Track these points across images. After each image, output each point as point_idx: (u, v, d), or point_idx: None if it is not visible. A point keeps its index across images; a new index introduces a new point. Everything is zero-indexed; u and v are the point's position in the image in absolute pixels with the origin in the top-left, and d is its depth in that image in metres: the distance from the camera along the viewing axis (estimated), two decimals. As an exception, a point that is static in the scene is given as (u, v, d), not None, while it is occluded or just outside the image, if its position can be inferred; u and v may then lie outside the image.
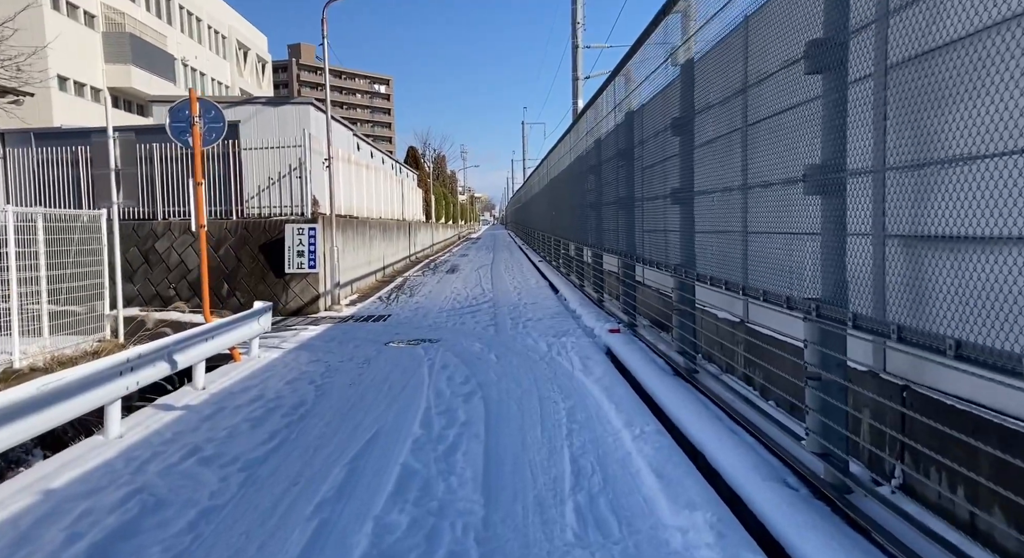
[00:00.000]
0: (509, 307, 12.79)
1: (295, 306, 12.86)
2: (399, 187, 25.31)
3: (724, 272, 5.80)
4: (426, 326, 10.86)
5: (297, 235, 12.89)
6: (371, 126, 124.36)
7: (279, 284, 12.94)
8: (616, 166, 11.10)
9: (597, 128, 12.96)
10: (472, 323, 10.97)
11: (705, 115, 6.33)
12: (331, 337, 10.00)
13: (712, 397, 6.04)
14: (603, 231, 12.30)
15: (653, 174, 8.48)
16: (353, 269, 15.80)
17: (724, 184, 5.78)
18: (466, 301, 13.93)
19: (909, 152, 3.16)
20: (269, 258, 13.07)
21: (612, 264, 12.89)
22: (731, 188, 5.59)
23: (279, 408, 6.09)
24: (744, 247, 5.43)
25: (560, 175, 19.95)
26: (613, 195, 11.04)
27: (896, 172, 3.26)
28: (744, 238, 5.46)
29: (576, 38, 22.93)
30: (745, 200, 5.33)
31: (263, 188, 13.56)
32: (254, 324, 8.20)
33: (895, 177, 3.26)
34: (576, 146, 16.14)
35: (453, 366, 7.65)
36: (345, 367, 7.81)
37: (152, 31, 39.07)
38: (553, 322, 10.82)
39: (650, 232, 8.89)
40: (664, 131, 7.63)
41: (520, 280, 18.15)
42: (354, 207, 17.06)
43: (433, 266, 24.45)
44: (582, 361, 7.73)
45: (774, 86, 4.57)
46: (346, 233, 15.14)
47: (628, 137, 9.89)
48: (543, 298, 14.13)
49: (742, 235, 5.42)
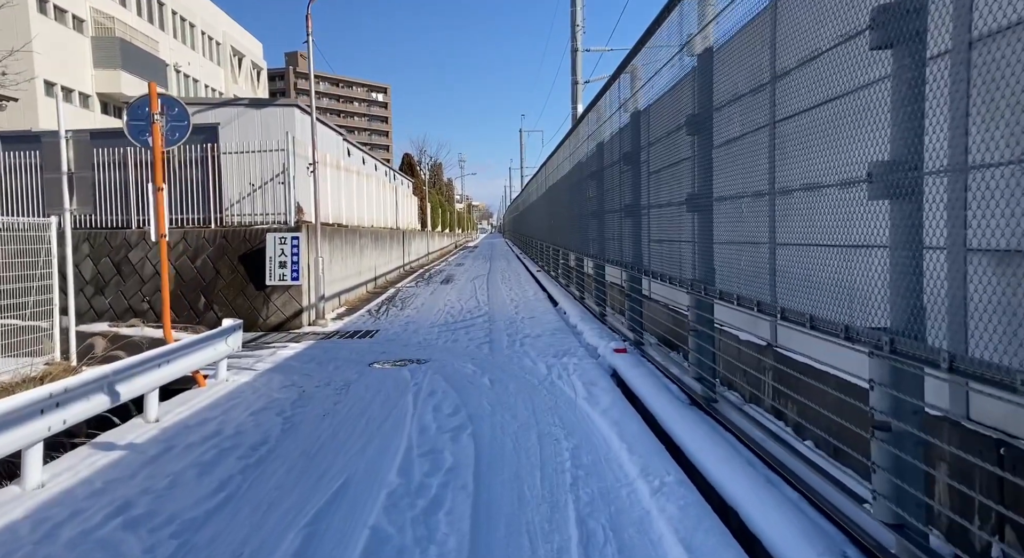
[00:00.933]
0: (506, 322, 11.97)
1: (276, 321, 12.03)
2: (393, 194, 24.53)
3: (751, 289, 4.99)
4: (415, 344, 10.04)
5: (279, 244, 12.08)
6: (368, 134, 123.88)
7: (259, 297, 12.11)
8: (619, 171, 10.34)
9: (599, 132, 12.21)
10: (465, 340, 10.15)
11: (728, 110, 5.54)
12: (311, 357, 9.17)
13: (737, 433, 5.22)
14: (606, 241, 11.54)
15: (662, 179, 7.71)
16: (341, 280, 14.98)
17: (754, 188, 4.97)
18: (460, 315, 13.11)
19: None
20: (249, 269, 12.24)
21: (615, 276, 12.12)
22: (763, 193, 4.78)
23: (236, 448, 5.25)
24: (772, 261, 4.65)
25: (559, 183, 19.20)
26: (617, 202, 10.27)
27: (984, 170, 2.46)
28: (773, 250, 4.68)
29: (575, 41, 22.23)
30: (774, 207, 4.54)
31: (244, 195, 12.76)
32: (220, 345, 7.37)
33: (983, 176, 2.46)
34: (576, 152, 15.41)
35: (442, 393, 6.82)
36: (321, 394, 6.98)
37: (143, 36, 38.38)
38: (553, 339, 10.00)
39: (658, 242, 8.14)
40: (677, 130, 6.85)
41: (518, 292, 17.34)
42: (343, 215, 16.26)
43: (428, 276, 23.63)
44: (586, 387, 6.91)
45: (824, 67, 3.76)
46: (333, 242, 14.32)
47: (634, 139, 9.11)
48: (542, 312, 13.32)
49: (773, 247, 4.62)
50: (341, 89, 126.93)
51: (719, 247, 5.85)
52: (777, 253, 4.65)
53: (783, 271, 4.58)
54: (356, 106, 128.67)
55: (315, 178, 12.34)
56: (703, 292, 5.81)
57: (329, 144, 17.09)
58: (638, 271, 8.77)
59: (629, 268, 9.08)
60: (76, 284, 12.78)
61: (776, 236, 4.71)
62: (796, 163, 4.26)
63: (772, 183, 4.77)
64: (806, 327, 4.06)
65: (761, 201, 4.86)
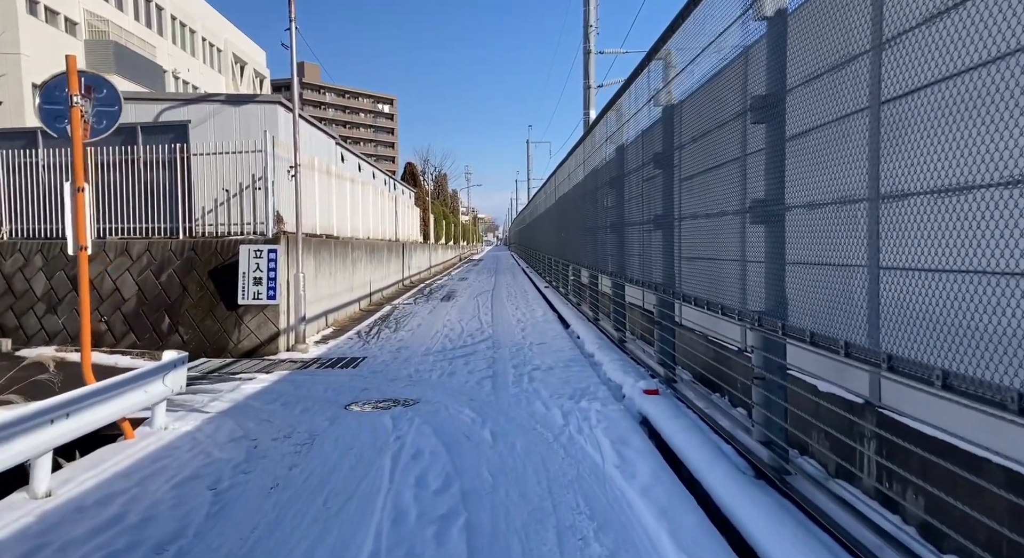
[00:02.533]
0: (511, 349, 10.46)
1: (249, 346, 10.53)
2: (392, 204, 23.09)
3: (833, 326, 3.59)
4: (405, 377, 8.52)
5: (254, 258, 10.61)
6: (374, 145, 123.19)
7: (230, 318, 10.62)
8: (641, 179, 8.90)
9: (619, 134, 10.76)
10: (464, 373, 8.63)
11: (803, 91, 4.12)
12: (278, 393, 7.66)
13: (820, 518, 3.74)
14: (626, 257, 10.08)
15: (704, 184, 6.28)
16: (329, 298, 13.50)
17: (841, 192, 3.53)
18: (460, 339, 11.60)
19: None
20: (220, 286, 10.77)
21: (637, 297, 10.65)
22: (856, 197, 3.35)
23: (137, 546, 3.74)
24: (873, 289, 3.30)
25: (570, 193, 17.76)
26: (641, 213, 8.82)
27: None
28: (876, 275, 3.32)
29: (588, 42, 20.84)
30: (879, 216, 3.12)
31: (221, 202, 11.31)
32: (154, 385, 5.87)
33: None
34: (590, 158, 13.97)
35: (430, 454, 5.30)
36: (276, 451, 5.46)
37: (139, 41, 37.26)
38: (567, 373, 8.48)
39: (691, 260, 6.70)
40: (732, 120, 5.41)
41: (524, 311, 15.83)
42: (334, 225, 14.80)
43: (428, 292, 22.14)
44: (615, 447, 5.38)
45: None
46: (320, 256, 12.85)
47: (666, 139, 7.67)
48: (552, 336, 11.80)
49: (876, 271, 3.24)
50: (347, 100, 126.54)
51: (795, 268, 4.37)
52: (883, 278, 3.28)
53: (892, 304, 3.17)
54: (362, 117, 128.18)
55: (297, 183, 10.89)
56: (780, 331, 4.30)
57: (318, 147, 15.67)
58: (669, 293, 7.31)
59: (659, 290, 7.59)
60: (26, 301, 11.34)
61: (881, 255, 3.31)
62: (926, 153, 2.80)
63: (875, 184, 3.36)
64: (936, 386, 2.61)
65: (851, 209, 3.45)
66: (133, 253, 11.01)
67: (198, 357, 10.44)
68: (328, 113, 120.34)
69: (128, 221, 11.21)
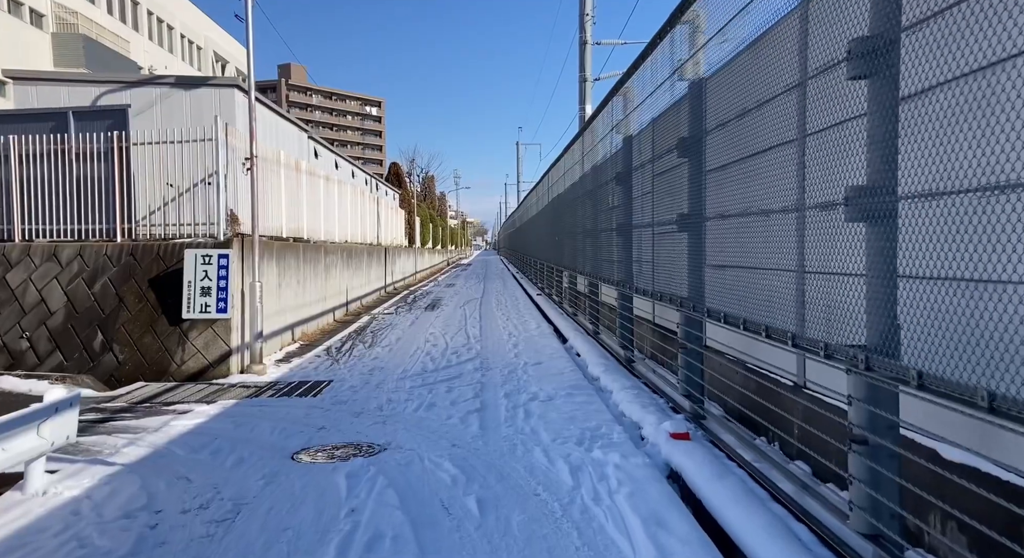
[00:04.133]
0: (503, 371, 8.97)
1: (195, 367, 8.99)
2: (374, 206, 21.57)
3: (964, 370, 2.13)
4: (374, 409, 7.02)
5: (202, 264, 9.08)
6: (362, 148, 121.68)
7: (173, 335, 9.08)
8: (652, 173, 7.52)
9: (627, 122, 9.36)
10: (446, 404, 7.14)
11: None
12: (213, 434, 6.14)
13: None
14: (634, 263, 8.68)
15: (740, 176, 4.92)
16: (296, 309, 11.97)
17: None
18: (443, 357, 10.10)
19: None
20: (162, 297, 9.23)
21: (646, 310, 9.23)
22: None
23: None
24: None
25: (565, 193, 16.34)
26: (653, 213, 7.43)
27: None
28: None
29: (584, 33, 19.44)
30: None
31: (169, 200, 9.77)
32: (24, 440, 4.35)
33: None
34: (589, 154, 12.55)
35: (392, 540, 3.80)
36: (180, 535, 3.96)
37: (112, 35, 35.58)
38: (571, 405, 7.00)
39: (722, 268, 5.36)
40: (782, 95, 4.03)
41: (516, 322, 14.34)
42: (304, 227, 13.28)
43: (412, 300, 20.61)
44: (649, 529, 3.89)
45: None
46: (285, 261, 11.33)
47: (694, 120, 6.26)
48: (549, 353, 10.33)
49: None
50: (334, 102, 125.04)
51: (917, 286, 2.97)
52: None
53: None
54: (349, 120, 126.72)
55: (253, 177, 9.37)
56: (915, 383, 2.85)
57: (287, 140, 14.15)
58: (696, 310, 5.89)
59: (684, 306, 6.16)
60: (-64, 314, 9.73)
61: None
62: None
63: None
64: None
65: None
66: (62, 258, 9.45)
67: (134, 380, 8.89)
68: (315, 115, 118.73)
69: (57, 221, 9.66)
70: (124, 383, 8.87)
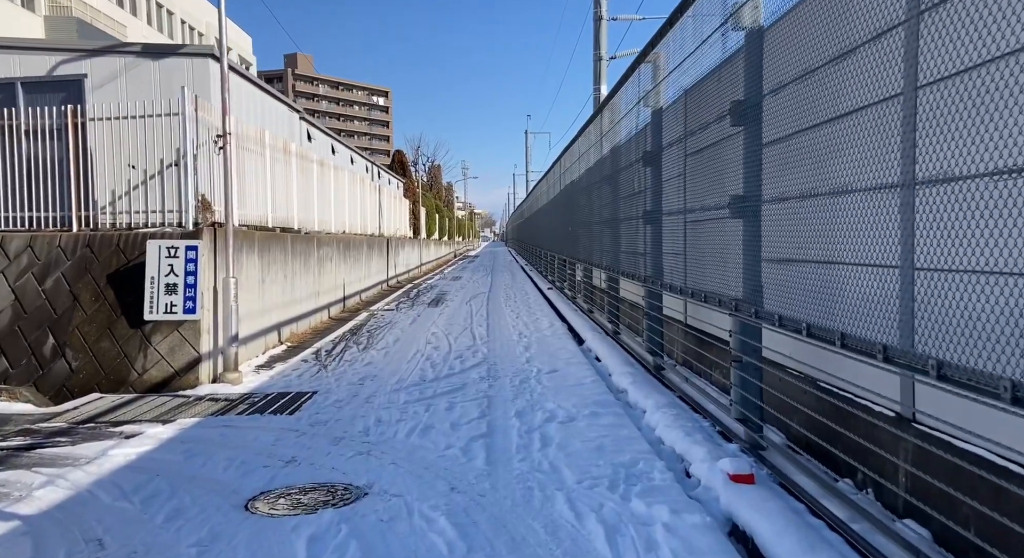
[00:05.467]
0: (513, 380, 7.76)
1: (158, 376, 7.81)
2: (375, 195, 20.34)
3: None
4: (358, 433, 5.82)
5: (167, 258, 7.89)
6: (369, 139, 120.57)
7: (134, 339, 7.90)
8: (684, 152, 6.30)
9: (655, 96, 8.12)
10: (445, 427, 5.92)
11: None
12: (155, 470, 4.95)
13: None
14: (665, 256, 7.48)
15: (811, 146, 3.74)
16: (283, 307, 10.78)
17: None
18: (445, 363, 8.89)
19: None
20: (123, 295, 8.05)
21: (676, 309, 8.04)
22: None
23: None
24: None
25: (579, 180, 15.08)
26: (686, 198, 6.22)
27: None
28: None
29: (599, 7, 18.14)
30: None
31: (131, 184, 8.57)
32: None
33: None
34: (609, 134, 11.30)
35: None
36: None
37: (108, 19, 34.39)
38: (597, 429, 5.77)
39: (781, 263, 4.22)
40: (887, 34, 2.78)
41: (527, 320, 13.12)
42: (294, 216, 12.07)
43: (415, 294, 19.41)
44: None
45: None
46: (270, 254, 10.12)
47: (750, 81, 5.03)
48: (565, 358, 9.10)
49: None
50: (341, 92, 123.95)
51: None
52: None
53: None
54: (356, 110, 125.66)
55: (227, 157, 8.15)
56: None
57: (275, 120, 12.94)
58: (753, 315, 4.69)
59: (739, 310, 4.95)
60: None
61: None
62: None
63: None
64: None
65: None
66: (10, 251, 8.28)
67: (89, 391, 7.73)
68: (321, 105, 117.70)
69: (4, 208, 8.49)
70: (77, 394, 7.71)
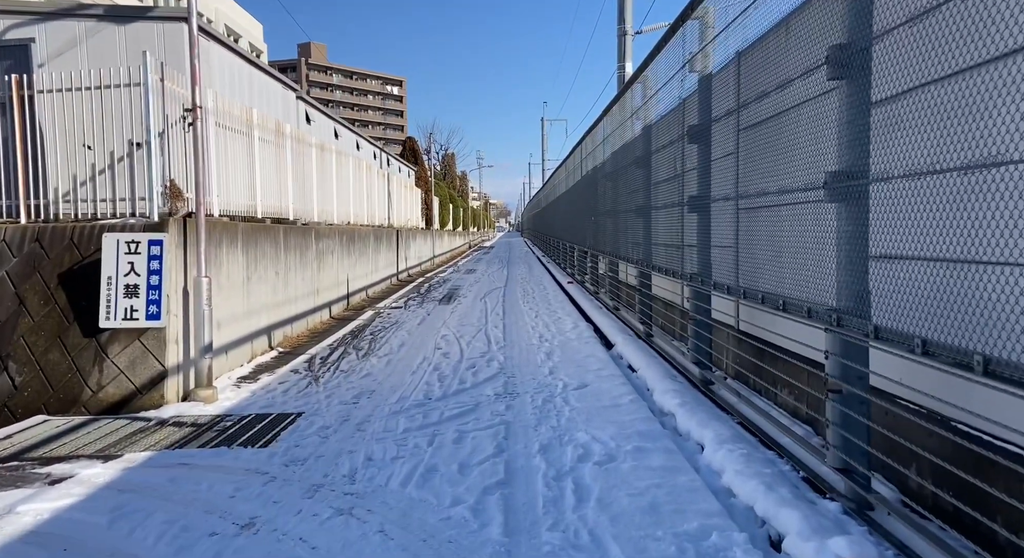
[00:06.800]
0: (536, 400, 6.49)
1: (117, 395, 6.61)
2: (383, 183, 19.09)
3: None
4: (341, 481, 4.58)
5: (126, 254, 6.68)
6: (383, 128, 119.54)
7: (88, 350, 6.71)
8: (735, 125, 5.01)
9: (703, 58, 6.82)
10: (452, 471, 4.66)
11: None
12: (64, 543, 3.72)
13: None
14: (714, 251, 6.21)
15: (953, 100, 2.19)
16: (273, 308, 9.56)
17: None
18: (455, 376, 7.65)
19: None
20: (76, 299, 6.86)
21: (725, 312, 6.77)
22: None
23: None
24: None
25: (603, 165, 13.76)
26: (734, 182, 4.90)
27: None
28: None
29: (624, -23, 16.72)
30: None
31: (96, 169, 7.37)
32: None
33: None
34: (640, 113, 9.97)
35: None
36: None
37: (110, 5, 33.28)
38: (647, 478, 4.48)
39: (893, 260, 2.76)
40: None
41: (547, 320, 11.83)
42: (289, 206, 10.85)
43: (426, 289, 18.17)
44: None
45: None
46: (258, 248, 8.90)
47: (860, 18, 3.64)
48: (595, 369, 7.82)
49: None
50: (355, 81, 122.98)
51: None
52: None
53: None
54: (370, 99, 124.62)
55: (197, 136, 6.92)
56: None
57: (267, 98, 11.69)
58: (872, 335, 3.39)
59: (838, 323, 3.66)
60: None
61: None
62: None
63: None
64: None
65: None
66: (-51, 246, 7.10)
67: (35, 412, 6.55)
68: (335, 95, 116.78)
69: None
70: (21, 416, 6.54)
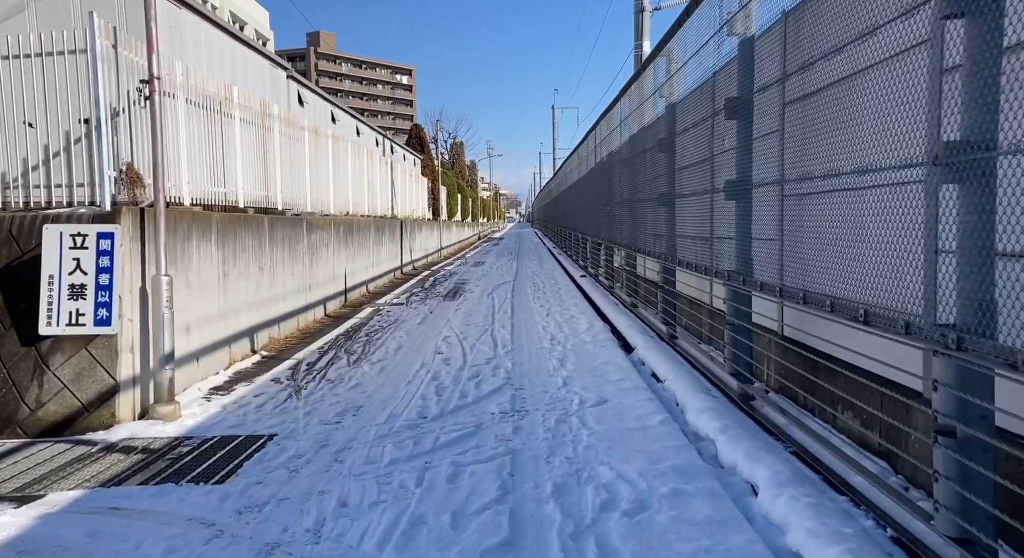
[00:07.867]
0: (547, 420, 5.51)
1: (60, 413, 5.69)
2: (387, 171, 18.12)
3: None
4: (301, 538, 3.60)
5: (71, 248, 5.74)
6: (392, 118, 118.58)
7: (26, 360, 5.78)
8: (782, 100, 3.93)
9: (744, 17, 5.80)
10: (443, 526, 3.69)
11: None
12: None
13: None
14: (754, 244, 5.20)
15: None
16: (255, 307, 8.62)
17: None
18: (455, 387, 6.68)
19: None
20: (13, 301, 5.93)
21: (767, 315, 5.80)
22: None
23: None
24: None
25: (620, 151, 12.73)
26: (778, 165, 3.84)
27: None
28: None
29: (642, -52, 15.62)
30: None
31: (35, 151, 6.43)
32: None
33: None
34: (664, 90, 8.94)
35: None
36: None
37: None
38: (689, 534, 3.49)
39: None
40: None
41: (560, 319, 10.85)
42: (277, 194, 9.89)
43: (430, 283, 17.22)
44: None
45: None
46: (237, 240, 7.95)
47: None
48: (615, 380, 6.82)
49: None
50: (364, 71, 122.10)
51: None
52: None
53: None
54: (380, 89, 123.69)
55: (154, 111, 5.96)
56: None
57: (254, 76, 10.71)
58: (990, 360, 2.24)
59: (964, 347, 2.58)
60: None
61: None
62: None
63: None
64: None
65: None
66: None
67: (-34, 433, 5.64)
68: (344, 85, 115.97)
69: None
70: (-50, 437, 5.63)
